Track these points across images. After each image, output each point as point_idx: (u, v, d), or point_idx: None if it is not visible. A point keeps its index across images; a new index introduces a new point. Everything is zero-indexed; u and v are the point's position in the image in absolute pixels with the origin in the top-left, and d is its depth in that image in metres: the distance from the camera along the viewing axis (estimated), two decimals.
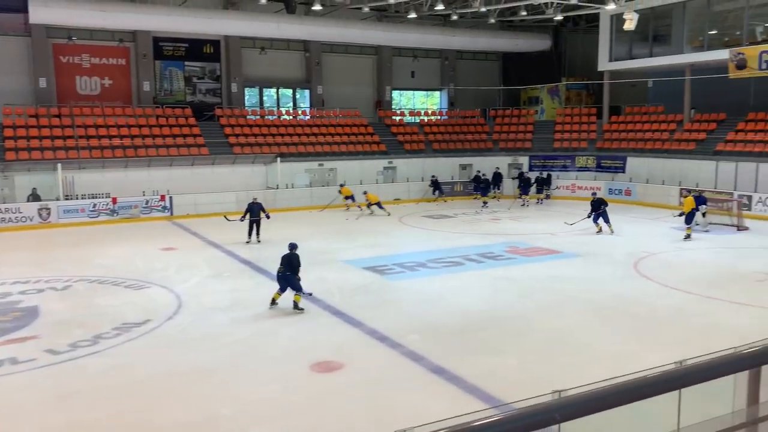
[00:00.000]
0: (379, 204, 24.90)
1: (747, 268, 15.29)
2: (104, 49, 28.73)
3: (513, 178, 30.15)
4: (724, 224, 21.01)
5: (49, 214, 22.68)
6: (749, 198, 23.48)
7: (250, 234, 19.06)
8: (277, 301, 12.20)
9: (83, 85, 28.42)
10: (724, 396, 3.56)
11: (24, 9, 24.38)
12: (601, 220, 20.13)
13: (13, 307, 12.39)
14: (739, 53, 24.91)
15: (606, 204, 20.39)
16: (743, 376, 3.51)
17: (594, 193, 21.47)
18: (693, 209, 19.23)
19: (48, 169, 23.66)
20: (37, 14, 24.64)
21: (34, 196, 23.18)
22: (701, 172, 26.14)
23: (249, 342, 10.38)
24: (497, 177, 29.92)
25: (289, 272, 12.05)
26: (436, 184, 29.14)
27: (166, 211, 24.59)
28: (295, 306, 11.95)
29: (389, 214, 24.60)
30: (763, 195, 23.45)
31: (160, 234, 21.12)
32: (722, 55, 25.71)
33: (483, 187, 28.16)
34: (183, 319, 11.63)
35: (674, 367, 2.97)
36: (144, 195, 24.52)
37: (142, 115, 27.69)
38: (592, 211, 20.28)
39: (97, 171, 24.49)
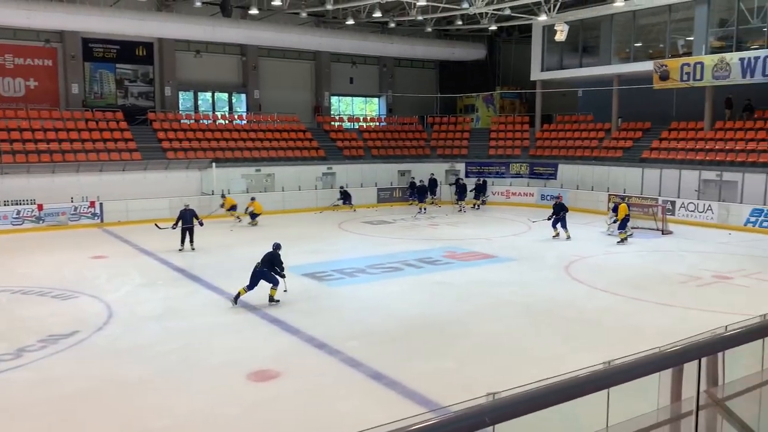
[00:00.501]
0: (255, 215, 23.90)
1: (671, 271, 16.00)
2: (29, 49, 27.52)
3: (450, 184, 30.59)
4: (649, 228, 21.94)
5: None
6: (672, 203, 24.62)
7: (183, 242, 18.57)
8: (241, 297, 12.66)
9: (6, 87, 27.12)
10: (650, 394, 3.72)
11: None
12: (559, 225, 20.60)
13: None
14: (663, 65, 26.13)
15: (566, 210, 20.89)
16: (667, 374, 3.67)
17: (557, 197, 22.24)
18: (626, 215, 19.98)
19: None
20: None
21: None
22: (628, 178, 27.25)
23: (183, 352, 10.12)
24: (433, 183, 30.21)
25: (266, 268, 12.67)
26: (345, 194, 28.42)
27: (96, 218, 23.74)
28: (271, 299, 12.74)
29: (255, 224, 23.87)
30: (685, 200, 24.63)
31: (90, 242, 20.36)
32: (647, 66, 26.92)
33: (419, 193, 28.29)
34: (114, 329, 11.24)
35: (602, 367, 3.08)
36: (72, 201, 23.60)
37: (71, 119, 26.66)
38: (553, 214, 20.75)
39: (21, 176, 23.38)
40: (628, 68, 28.51)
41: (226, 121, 31.04)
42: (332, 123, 33.92)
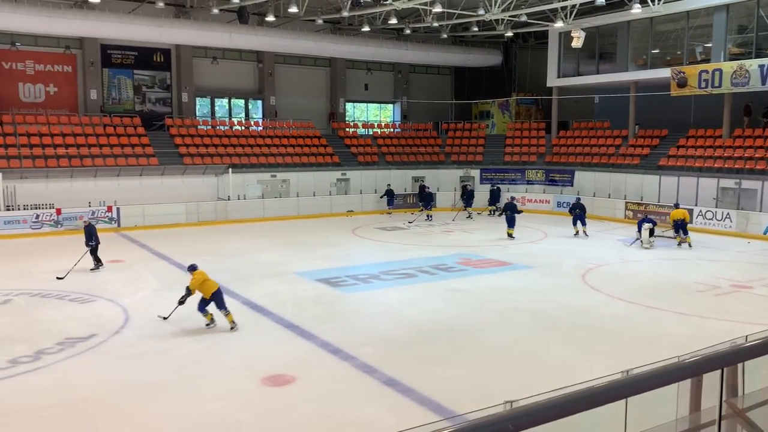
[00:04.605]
0: None
1: (689, 279, 15.83)
2: (49, 55, 27.89)
3: (463, 193, 30.22)
4: (667, 237, 21.72)
5: None
6: (690, 211, 24.33)
7: (95, 262, 16.81)
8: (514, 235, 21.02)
9: (27, 92, 27.50)
10: (668, 404, 3.67)
11: None
12: (579, 224, 22.39)
13: None
14: (680, 72, 25.92)
15: (581, 209, 22.59)
16: (686, 384, 3.62)
17: (579, 198, 23.69)
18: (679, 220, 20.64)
19: None
20: None
21: None
22: (645, 185, 27.03)
23: (198, 356, 10.17)
24: (422, 189, 30.18)
25: (514, 214, 20.92)
26: (390, 194, 29.19)
27: (113, 222, 23.96)
28: (510, 236, 21.08)
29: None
30: (703, 208, 24.36)
31: (107, 246, 20.40)
32: (664, 73, 26.71)
33: (425, 200, 27.91)
34: (130, 333, 11.33)
35: (621, 377, 3.05)
36: (90, 206, 23.83)
37: (89, 124, 26.96)
38: (571, 212, 22.74)
39: (40, 181, 23.66)
40: (645, 75, 28.32)
41: (243, 127, 31.26)
42: (347, 129, 34.03)
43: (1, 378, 9.13)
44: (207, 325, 11.51)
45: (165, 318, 11.90)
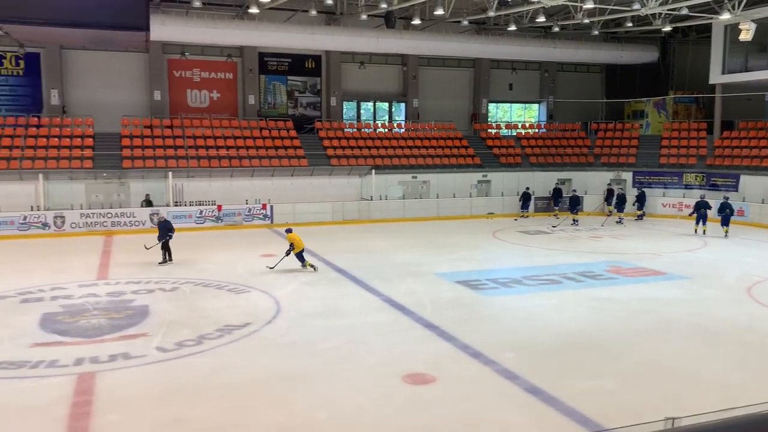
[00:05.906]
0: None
1: None
2: (213, 64, 30.30)
3: (617, 195, 28.73)
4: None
5: None
6: None
7: (164, 255, 17.62)
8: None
9: (193, 98, 30.07)
10: None
11: (146, 28, 26.01)
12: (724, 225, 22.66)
13: (126, 305, 13.23)
14: None
15: (729, 207, 22.81)
16: None
17: (727, 198, 23.68)
18: None
19: (160, 177, 25.12)
20: (155, 32, 26.26)
21: (147, 202, 24.68)
22: None
23: (344, 349, 10.55)
24: (557, 193, 29.08)
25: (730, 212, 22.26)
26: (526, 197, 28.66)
27: (267, 219, 25.50)
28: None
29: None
30: None
31: (261, 241, 21.89)
32: None
33: (572, 203, 26.82)
34: (281, 323, 12.00)
35: None
36: (247, 203, 25.57)
37: (247, 127, 28.93)
38: (720, 213, 22.89)
39: (204, 179, 25.78)
40: None
41: (386, 130, 31.98)
42: (489, 130, 33.66)
43: (170, 358, 10.06)
44: (312, 267, 16.47)
45: (271, 268, 16.41)
